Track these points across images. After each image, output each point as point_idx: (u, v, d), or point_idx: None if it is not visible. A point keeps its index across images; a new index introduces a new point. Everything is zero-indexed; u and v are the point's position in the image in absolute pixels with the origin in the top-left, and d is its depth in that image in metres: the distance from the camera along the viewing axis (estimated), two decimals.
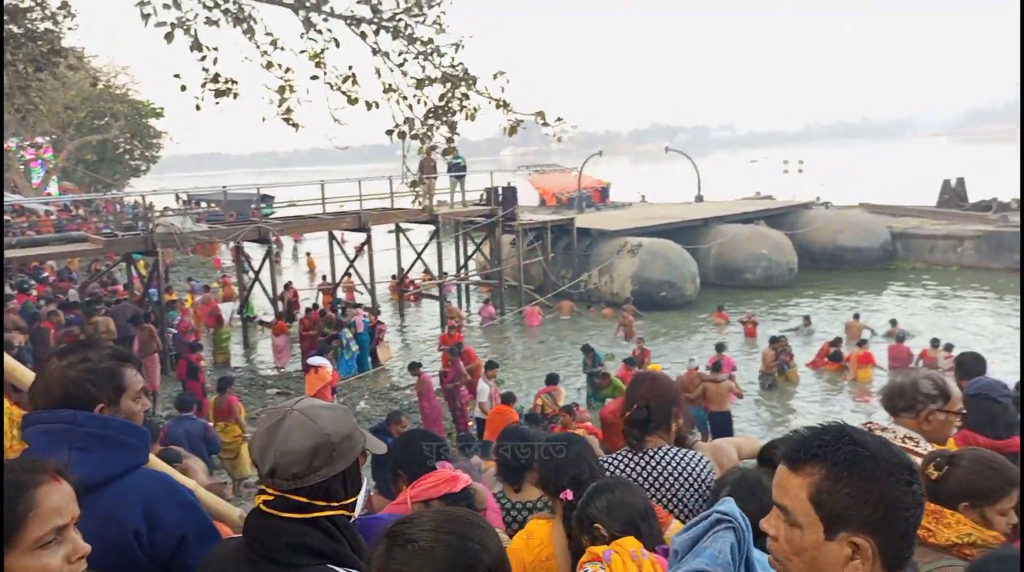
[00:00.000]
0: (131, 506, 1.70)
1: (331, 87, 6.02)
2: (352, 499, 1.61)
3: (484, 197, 22.59)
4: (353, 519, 1.65)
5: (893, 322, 16.48)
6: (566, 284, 21.42)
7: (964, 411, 2.78)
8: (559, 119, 6.24)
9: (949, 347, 13.73)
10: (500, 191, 21.93)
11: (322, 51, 5.97)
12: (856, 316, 16.99)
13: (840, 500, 1.21)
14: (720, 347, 13.58)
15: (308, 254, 29.78)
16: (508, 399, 10.17)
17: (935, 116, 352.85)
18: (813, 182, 38.06)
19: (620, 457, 2.79)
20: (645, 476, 2.69)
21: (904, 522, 1.23)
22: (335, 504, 1.56)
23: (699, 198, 32.76)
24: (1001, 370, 13.43)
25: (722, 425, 10.89)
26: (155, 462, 2.08)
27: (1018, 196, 26.70)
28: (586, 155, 34.59)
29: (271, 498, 1.54)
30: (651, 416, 2.75)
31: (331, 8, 6.15)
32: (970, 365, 3.82)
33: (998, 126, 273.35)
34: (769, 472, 2.32)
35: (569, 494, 2.38)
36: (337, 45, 6.41)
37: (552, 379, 11.30)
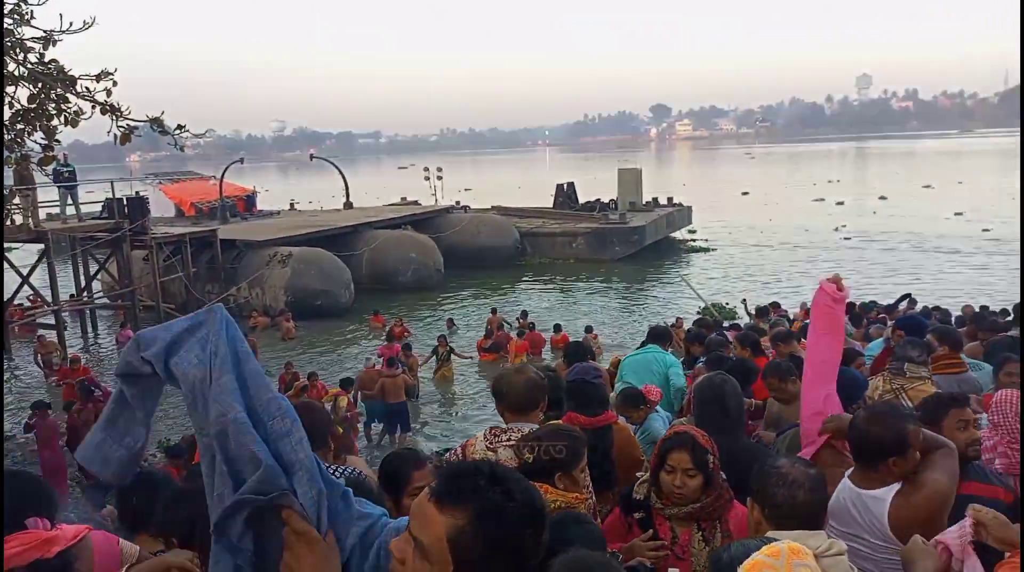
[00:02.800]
0: None
1: None
2: None
3: (105, 209, 19.99)
4: None
5: (524, 314, 18.16)
6: (213, 300, 19.95)
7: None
8: (180, 126, 5.78)
9: (589, 329, 16.00)
10: (126, 202, 19.63)
11: None
12: (493, 310, 18.57)
13: (477, 547, 1.23)
14: (390, 336, 14.73)
15: None
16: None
17: (549, 128, 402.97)
18: (446, 187, 40.86)
19: None
20: None
21: (526, 570, 1.29)
22: None
23: (348, 205, 33.04)
24: (609, 343, 16.00)
25: (400, 414, 11.37)
26: None
27: (615, 196, 31.85)
28: (227, 162, 32.67)
29: None
30: (312, 436, 2.78)
31: None
32: (573, 353, 4.44)
33: (597, 138, 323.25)
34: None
35: None
36: None
37: (346, 382, 11.00)
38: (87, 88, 5.57)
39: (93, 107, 5.58)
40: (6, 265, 18.11)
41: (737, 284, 23.08)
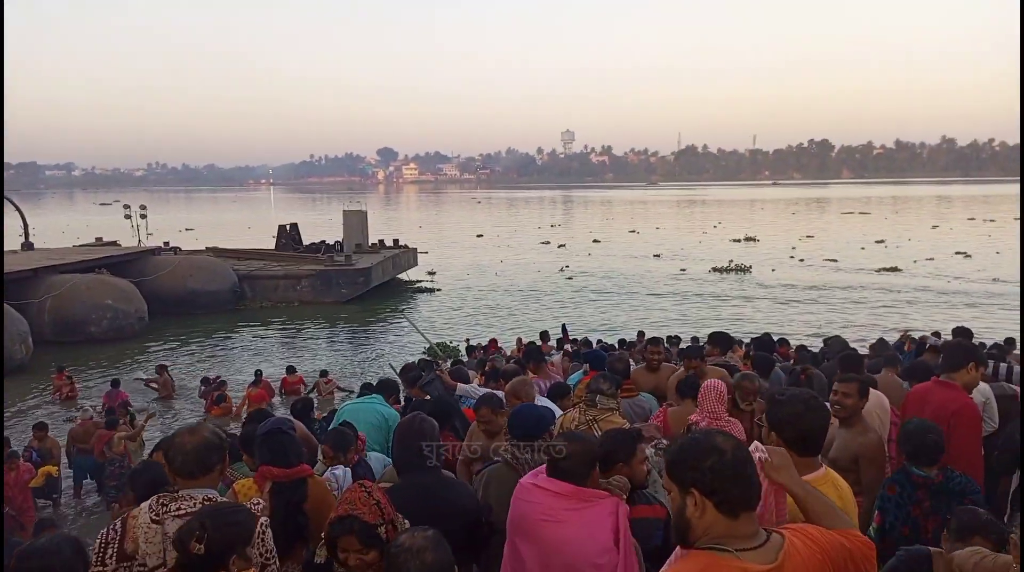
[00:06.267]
0: None
1: None
2: None
3: None
4: None
5: (161, 368, 16.13)
6: None
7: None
8: None
9: (324, 373, 15.65)
10: None
11: None
12: (161, 367, 16.41)
13: None
14: (115, 382, 13.82)
15: None
16: None
17: (272, 167, 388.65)
18: (160, 227, 37.35)
19: None
20: None
21: None
22: None
23: (27, 246, 28.70)
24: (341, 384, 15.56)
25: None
26: None
27: (341, 238, 31.44)
28: None
29: None
30: None
31: None
32: (257, 417, 4.24)
33: (324, 179, 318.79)
34: None
35: None
36: None
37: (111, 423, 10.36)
38: None
39: None
40: None
41: (465, 323, 23.87)
